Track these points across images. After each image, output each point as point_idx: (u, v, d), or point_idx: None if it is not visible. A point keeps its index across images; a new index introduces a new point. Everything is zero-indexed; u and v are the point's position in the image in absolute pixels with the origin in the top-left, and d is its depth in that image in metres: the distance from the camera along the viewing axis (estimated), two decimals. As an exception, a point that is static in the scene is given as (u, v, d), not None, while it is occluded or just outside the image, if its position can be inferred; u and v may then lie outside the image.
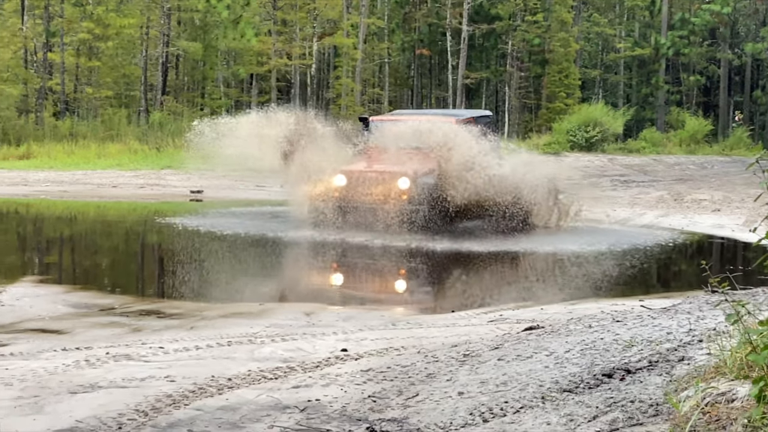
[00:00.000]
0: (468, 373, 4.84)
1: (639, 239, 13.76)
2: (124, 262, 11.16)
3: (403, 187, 13.49)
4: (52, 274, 10.24)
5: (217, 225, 14.06)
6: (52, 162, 28.62)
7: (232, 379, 5.10)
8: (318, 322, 7.46)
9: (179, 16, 45.73)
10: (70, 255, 12.63)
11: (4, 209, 19.17)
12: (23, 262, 11.57)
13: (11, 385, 4.98)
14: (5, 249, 12.19)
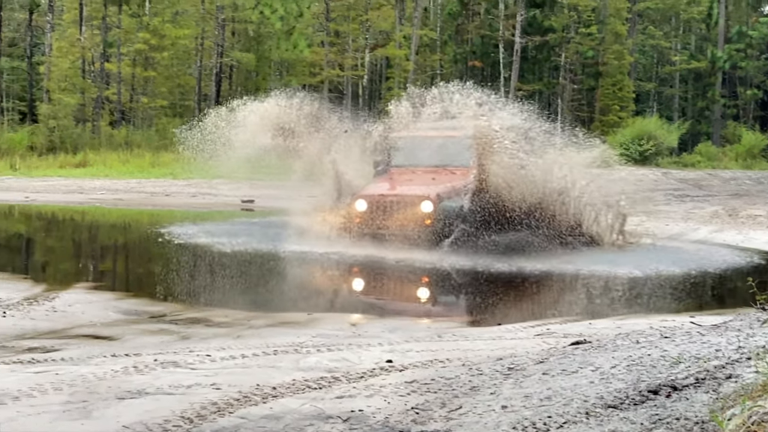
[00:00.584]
0: (512, 386, 4.82)
1: (692, 255, 13.57)
2: (174, 269, 11.28)
3: (426, 210, 13.01)
4: (105, 280, 10.39)
5: (263, 236, 14.10)
6: (107, 170, 29.07)
7: (277, 388, 5.12)
8: (364, 333, 7.48)
9: (233, 27, 46.21)
10: (122, 262, 12.81)
11: (60, 216, 19.51)
12: (77, 269, 11.76)
13: (61, 390, 5.06)
14: (61, 256, 12.39)
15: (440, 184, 13.42)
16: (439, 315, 8.91)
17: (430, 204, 12.95)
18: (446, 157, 14.15)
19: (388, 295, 10.07)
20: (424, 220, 12.89)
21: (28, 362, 5.86)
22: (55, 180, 27.08)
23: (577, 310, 9.21)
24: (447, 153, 14.21)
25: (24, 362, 5.85)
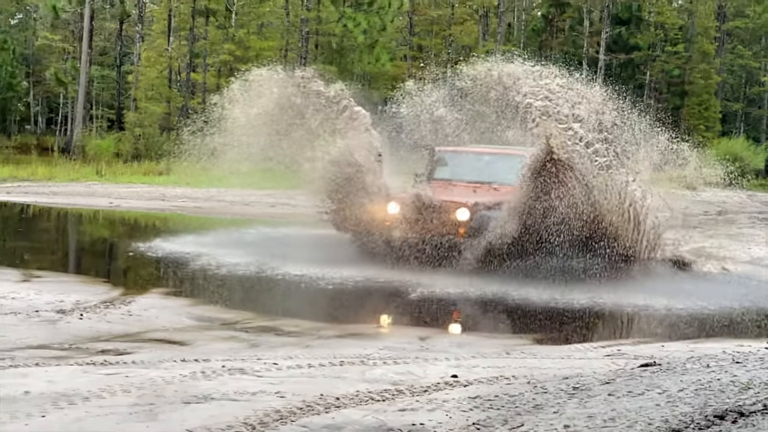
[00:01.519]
0: (576, 406, 4.76)
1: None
2: (248, 277, 11.38)
3: (462, 219, 12.01)
4: (181, 286, 10.54)
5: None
6: (189, 178, 29.54)
7: (340, 399, 5.15)
8: (432, 347, 7.47)
9: (317, 39, 46.69)
10: (198, 269, 12.96)
11: (143, 223, 19.91)
12: (155, 274, 11.98)
13: (129, 392, 5.16)
14: (139, 261, 12.63)
15: (481, 196, 12.55)
16: (509, 332, 8.84)
17: (466, 212, 12.05)
18: (493, 173, 13.28)
19: (456, 310, 10.02)
20: (459, 229, 12.00)
21: (101, 364, 5.99)
22: (138, 186, 27.64)
23: (649, 332, 9.05)
24: (494, 170, 13.37)
25: (96, 364, 5.98)
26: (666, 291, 11.13)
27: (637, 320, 10.14)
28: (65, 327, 7.58)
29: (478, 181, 13.01)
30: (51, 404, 4.82)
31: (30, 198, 23.05)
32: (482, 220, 11.89)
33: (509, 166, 13.03)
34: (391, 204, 12.37)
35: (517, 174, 12.34)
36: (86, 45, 42.71)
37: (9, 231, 16.04)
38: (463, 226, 11.91)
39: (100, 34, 63.66)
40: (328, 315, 9.10)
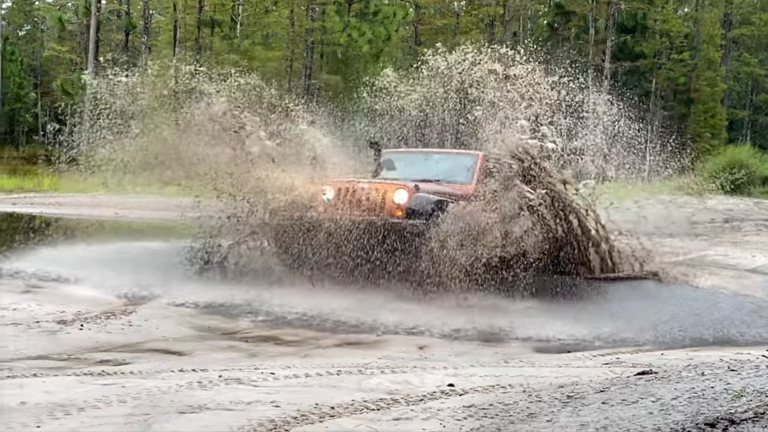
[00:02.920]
0: (569, 414, 4.76)
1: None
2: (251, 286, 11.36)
3: (399, 201, 11.14)
4: (182, 295, 10.51)
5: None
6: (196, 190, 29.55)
7: (335, 408, 5.16)
8: (430, 356, 7.48)
9: (322, 49, 46.80)
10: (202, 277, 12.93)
11: (148, 231, 19.94)
12: (156, 283, 11.91)
13: (125, 402, 5.18)
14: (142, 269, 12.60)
15: (423, 184, 11.67)
16: (509, 340, 8.82)
17: (404, 193, 11.16)
18: (440, 172, 12.59)
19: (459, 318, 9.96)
20: (396, 211, 11.10)
21: (98, 374, 6.01)
22: (145, 197, 27.69)
23: (650, 339, 9.01)
24: (442, 168, 12.74)
25: (94, 374, 6.00)
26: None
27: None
28: (65, 337, 7.61)
29: (424, 179, 12.15)
30: (47, 415, 4.84)
31: (35, 209, 23.15)
32: (421, 202, 11.09)
33: (457, 164, 12.75)
34: (327, 188, 11.66)
35: (466, 172, 12.17)
36: (92, 56, 42.88)
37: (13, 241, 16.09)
38: (401, 209, 11.12)
39: (107, 45, 63.84)
40: (327, 324, 9.06)
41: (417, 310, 9.67)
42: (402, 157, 13.71)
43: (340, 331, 8.70)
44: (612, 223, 12.94)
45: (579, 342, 8.77)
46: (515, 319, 9.48)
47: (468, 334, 8.92)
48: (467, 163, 12.49)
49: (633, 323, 9.52)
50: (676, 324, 9.63)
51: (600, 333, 9.15)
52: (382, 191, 11.26)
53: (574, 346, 8.59)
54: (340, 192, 11.48)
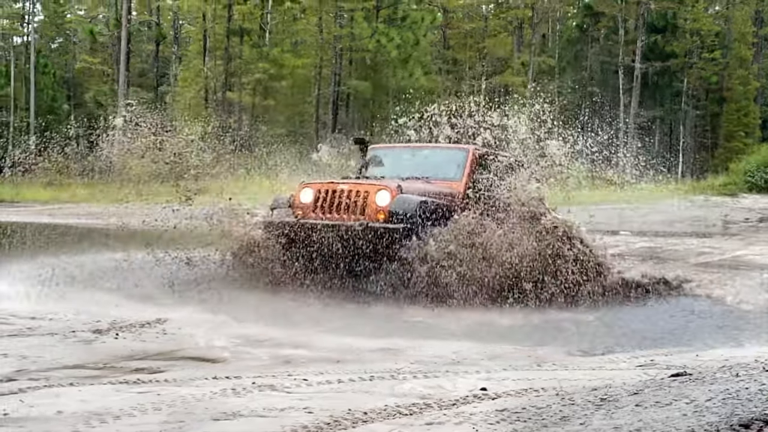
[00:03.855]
0: (603, 417, 4.75)
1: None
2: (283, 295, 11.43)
3: (381, 204, 10.57)
4: (215, 303, 10.58)
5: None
6: (227, 197, 29.75)
7: (368, 413, 5.17)
8: (463, 360, 7.47)
9: (350, 56, 46.97)
10: (234, 286, 13.02)
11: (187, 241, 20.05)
12: (187, 291, 11.99)
13: (160, 410, 5.22)
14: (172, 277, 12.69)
15: (408, 184, 11.20)
16: (543, 343, 8.80)
17: (386, 195, 10.58)
18: (428, 168, 12.08)
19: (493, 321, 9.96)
20: (378, 215, 10.51)
21: (134, 382, 6.06)
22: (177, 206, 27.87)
23: (685, 341, 8.95)
24: (430, 164, 12.19)
25: (129, 382, 6.06)
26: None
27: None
28: (100, 347, 7.68)
29: (411, 177, 11.75)
30: (83, 423, 4.89)
31: (71, 220, 23.39)
32: (404, 203, 10.48)
33: (446, 160, 12.23)
34: (304, 191, 11.17)
35: (456, 168, 11.73)
36: (123, 67, 43.31)
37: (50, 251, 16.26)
38: (383, 212, 10.48)
39: (138, 56, 64.43)
40: (361, 330, 9.07)
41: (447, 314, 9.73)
42: (389, 153, 13.18)
43: (372, 336, 8.70)
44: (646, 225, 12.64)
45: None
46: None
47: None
48: (457, 159, 12.03)
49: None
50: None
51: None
52: (363, 193, 10.74)
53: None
54: (319, 194, 11.00)
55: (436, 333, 9.00)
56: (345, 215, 10.70)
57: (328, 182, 11.27)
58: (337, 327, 8.90)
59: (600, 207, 33.09)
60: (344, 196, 10.79)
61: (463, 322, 9.53)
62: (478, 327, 9.37)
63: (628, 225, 27.37)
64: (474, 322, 9.59)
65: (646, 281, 11.42)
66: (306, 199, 11.08)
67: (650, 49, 53.08)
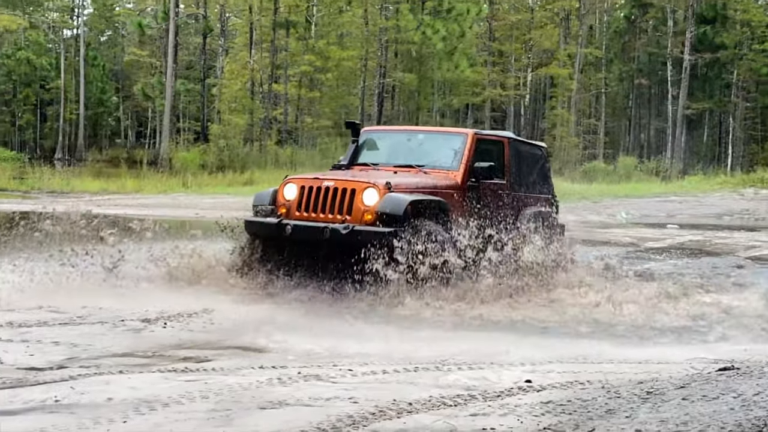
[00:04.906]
0: (649, 411, 4.73)
1: None
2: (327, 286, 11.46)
3: (369, 203, 9.78)
4: (259, 293, 10.63)
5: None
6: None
7: (413, 404, 5.20)
8: (508, 352, 7.46)
9: (396, 48, 46.94)
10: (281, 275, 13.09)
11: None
12: (236, 281, 12.07)
13: (207, 398, 5.30)
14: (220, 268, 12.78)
15: (400, 177, 10.38)
16: (589, 336, 8.75)
17: (374, 194, 9.76)
18: (425, 155, 11.25)
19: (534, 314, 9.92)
20: (364, 216, 9.74)
21: (182, 371, 6.15)
22: (223, 197, 28.15)
23: (734, 334, 8.84)
24: (427, 151, 11.36)
25: (177, 371, 6.15)
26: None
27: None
28: (149, 335, 7.79)
29: (406, 165, 11.02)
30: (132, 410, 4.98)
31: (120, 210, 23.69)
32: (393, 203, 9.66)
33: (443, 146, 11.38)
34: (288, 186, 10.38)
35: (453, 156, 10.92)
36: (171, 60, 43.67)
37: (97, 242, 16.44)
38: (370, 212, 9.70)
39: (185, 49, 65.01)
40: (403, 321, 9.08)
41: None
42: (383, 137, 12.41)
43: (418, 327, 8.71)
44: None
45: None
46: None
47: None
48: (454, 145, 11.12)
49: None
50: None
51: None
52: (350, 191, 9.92)
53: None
54: (303, 191, 10.20)
55: (479, 326, 8.98)
56: (331, 215, 9.92)
57: (312, 177, 10.41)
58: (379, 320, 8.89)
59: (647, 199, 32.83)
60: (330, 193, 10.00)
61: (503, 316, 9.50)
62: (519, 321, 9.34)
63: (675, 218, 27.08)
64: (515, 316, 9.56)
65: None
66: (290, 196, 10.30)
67: (699, 41, 52.39)
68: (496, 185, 11.33)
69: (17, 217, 18.97)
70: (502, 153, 11.58)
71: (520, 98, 55.60)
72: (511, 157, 11.69)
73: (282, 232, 10.00)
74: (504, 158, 11.57)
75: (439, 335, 8.35)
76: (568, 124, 52.71)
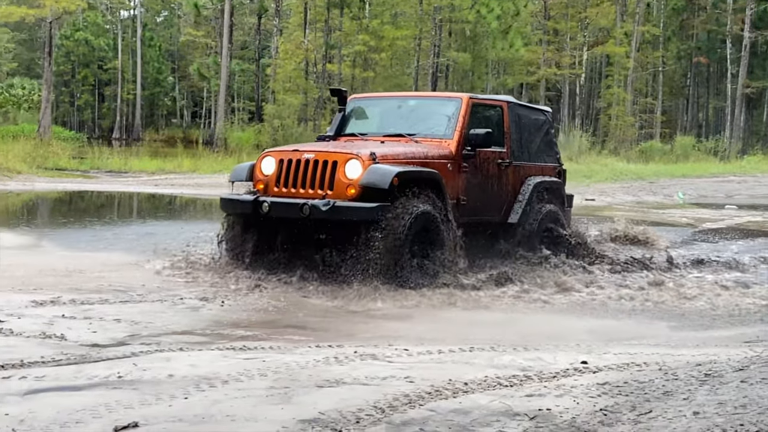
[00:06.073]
0: (707, 393, 4.71)
1: None
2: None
3: (352, 176, 8.99)
4: (317, 273, 10.70)
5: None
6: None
7: (468, 384, 5.23)
8: (563, 334, 7.46)
9: (450, 27, 46.75)
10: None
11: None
12: (292, 261, 12.14)
13: (266, 376, 5.38)
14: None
15: (387, 147, 9.58)
16: (645, 317, 8.71)
17: (358, 165, 8.97)
18: (416, 123, 10.48)
19: (590, 294, 9.87)
20: (347, 190, 9.02)
21: (240, 349, 6.24)
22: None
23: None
24: (418, 118, 10.58)
25: (236, 349, 6.24)
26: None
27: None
28: (207, 314, 7.91)
29: (397, 135, 10.25)
30: (193, 387, 5.07)
31: (176, 189, 23.98)
32: (379, 175, 8.86)
33: (436, 112, 10.62)
34: (266, 160, 9.69)
35: (447, 123, 10.18)
36: (227, 40, 43.96)
37: (154, 220, 16.69)
38: (354, 186, 8.96)
39: (240, 29, 65.39)
40: (459, 301, 9.10)
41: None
42: (372, 104, 11.57)
43: (472, 308, 8.74)
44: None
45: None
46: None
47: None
48: (448, 111, 10.32)
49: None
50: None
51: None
52: (331, 163, 9.14)
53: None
54: (281, 165, 9.49)
55: (534, 309, 8.98)
56: (311, 190, 9.20)
57: (292, 150, 9.66)
58: (436, 302, 8.92)
59: (705, 179, 32.40)
60: (310, 166, 9.24)
61: (557, 298, 9.48)
62: (574, 303, 9.32)
63: (733, 198, 26.70)
64: (569, 297, 9.54)
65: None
66: (268, 170, 9.59)
67: (759, 17, 51.37)
68: (495, 154, 10.63)
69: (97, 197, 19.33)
70: (502, 119, 10.86)
71: (575, 77, 55.03)
72: (512, 123, 10.97)
73: (259, 209, 9.35)
74: (504, 124, 10.86)
75: (492, 317, 8.37)
76: (624, 104, 52.10)
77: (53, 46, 44.37)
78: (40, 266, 10.03)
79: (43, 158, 30.32)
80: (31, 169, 26.92)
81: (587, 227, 13.25)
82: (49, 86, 41.07)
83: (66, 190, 22.72)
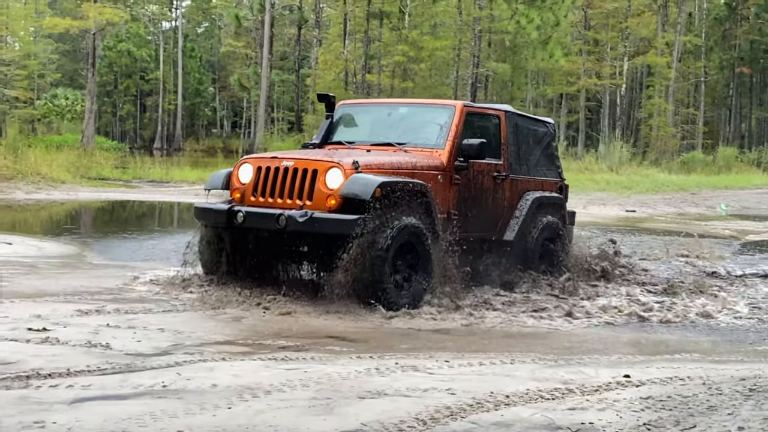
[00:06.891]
0: (752, 408, 4.68)
1: None
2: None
3: (332, 186, 8.46)
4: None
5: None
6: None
7: (510, 397, 5.23)
8: (605, 348, 7.42)
9: (489, 37, 46.71)
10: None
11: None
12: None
13: (308, 387, 5.41)
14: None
15: (372, 156, 9.02)
16: (689, 332, 8.64)
17: (339, 174, 8.44)
18: (407, 132, 9.93)
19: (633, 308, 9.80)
20: (327, 201, 8.48)
21: (282, 359, 6.28)
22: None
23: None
24: (409, 127, 10.04)
25: (278, 359, 6.28)
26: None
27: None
28: (249, 324, 7.95)
29: (386, 144, 9.72)
30: (236, 397, 5.12)
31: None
32: (361, 185, 8.31)
33: (428, 121, 10.08)
34: (243, 168, 9.19)
35: (438, 132, 9.63)
36: (267, 51, 44.26)
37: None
38: (334, 197, 8.43)
39: (280, 40, 65.83)
40: (500, 314, 9.08)
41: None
42: (361, 111, 11.08)
43: (515, 325, 8.71)
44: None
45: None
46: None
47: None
48: (440, 119, 9.77)
49: None
50: None
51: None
52: (311, 171, 8.61)
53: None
54: (259, 173, 8.99)
55: (572, 324, 8.93)
56: (289, 200, 8.69)
57: (270, 157, 9.14)
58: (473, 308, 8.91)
59: (747, 191, 32.06)
60: (289, 174, 8.73)
61: (596, 311, 9.43)
62: (614, 317, 9.25)
63: (778, 211, 26.38)
64: (610, 312, 9.47)
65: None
66: (245, 178, 9.09)
67: (804, 27, 50.79)
68: (491, 166, 10.08)
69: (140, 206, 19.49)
70: (499, 129, 10.30)
71: (615, 87, 54.71)
72: (509, 134, 10.41)
73: (233, 220, 8.86)
74: (501, 135, 10.28)
75: (532, 332, 8.34)
76: (666, 114, 51.72)
77: (96, 57, 44.95)
78: (84, 276, 10.16)
79: (87, 168, 30.66)
80: (74, 178, 27.23)
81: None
82: (93, 97, 41.59)
83: (109, 199, 22.98)
